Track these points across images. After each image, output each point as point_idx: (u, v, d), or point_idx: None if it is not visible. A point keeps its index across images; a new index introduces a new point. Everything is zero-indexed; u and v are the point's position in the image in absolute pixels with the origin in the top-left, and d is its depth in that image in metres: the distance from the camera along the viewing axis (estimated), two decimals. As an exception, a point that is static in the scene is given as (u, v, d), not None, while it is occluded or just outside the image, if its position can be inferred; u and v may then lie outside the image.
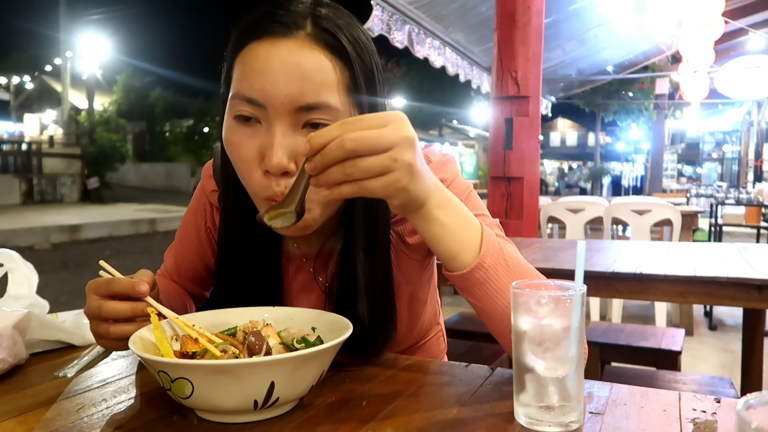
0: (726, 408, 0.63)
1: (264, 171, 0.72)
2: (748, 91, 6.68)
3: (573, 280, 0.61)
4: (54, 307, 1.01)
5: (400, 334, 0.90)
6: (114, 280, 0.71)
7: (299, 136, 0.71)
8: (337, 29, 0.72)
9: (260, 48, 0.71)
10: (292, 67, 0.69)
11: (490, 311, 0.73)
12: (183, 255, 1.03)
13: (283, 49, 0.70)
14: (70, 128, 20.67)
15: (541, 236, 4.34)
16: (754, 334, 2.09)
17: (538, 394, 0.59)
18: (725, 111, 17.77)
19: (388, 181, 0.59)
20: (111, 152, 18.85)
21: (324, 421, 0.62)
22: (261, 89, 0.70)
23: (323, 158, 0.58)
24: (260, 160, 0.72)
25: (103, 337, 0.72)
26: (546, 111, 7.09)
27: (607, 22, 5.24)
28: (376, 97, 0.78)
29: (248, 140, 0.72)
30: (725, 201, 7.15)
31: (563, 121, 40.56)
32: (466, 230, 0.70)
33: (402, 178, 0.60)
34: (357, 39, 0.74)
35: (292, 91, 0.69)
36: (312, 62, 0.70)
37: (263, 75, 0.70)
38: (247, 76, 0.71)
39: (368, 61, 0.76)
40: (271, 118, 0.71)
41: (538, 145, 3.12)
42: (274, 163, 0.70)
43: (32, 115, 30.05)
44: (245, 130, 0.73)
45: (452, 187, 0.85)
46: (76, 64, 22.74)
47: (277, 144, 0.70)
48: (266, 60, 0.70)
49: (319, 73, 0.70)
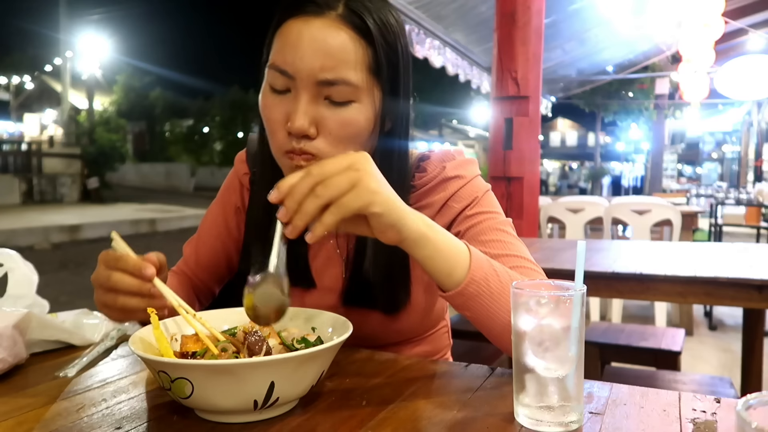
0: (726, 408, 0.63)
1: (288, 132, 0.80)
2: (748, 91, 6.67)
3: (573, 280, 0.61)
4: (54, 307, 1.01)
5: (415, 319, 0.94)
6: (124, 258, 0.73)
7: (321, 107, 0.79)
8: (365, 12, 0.79)
9: (295, 25, 0.78)
10: (318, 44, 0.77)
11: (488, 323, 0.76)
12: (204, 241, 1.06)
13: (314, 27, 0.77)
14: (70, 128, 20.65)
15: (541, 236, 4.34)
16: (754, 334, 2.09)
17: (538, 394, 0.59)
18: (725, 111, 17.76)
19: (360, 190, 0.64)
20: (111, 152, 18.85)
21: (324, 421, 0.62)
22: (291, 62, 0.77)
23: (293, 197, 0.64)
24: (285, 122, 0.80)
25: (109, 306, 0.74)
26: (546, 111, 7.09)
27: (607, 22, 5.24)
28: (399, 78, 0.83)
29: (278, 105, 0.81)
30: (725, 201, 7.16)
31: (563, 121, 40.56)
32: (454, 248, 0.73)
33: (370, 182, 0.65)
34: (384, 21, 0.80)
35: (316, 65, 0.76)
36: (337, 41, 0.77)
37: (294, 49, 0.77)
38: (282, 50, 0.79)
39: (393, 43, 0.81)
40: (298, 87, 0.78)
41: (538, 145, 3.12)
42: (297, 126, 0.77)
43: (32, 115, 30.03)
44: (277, 97, 0.81)
45: (470, 185, 0.92)
46: (76, 64, 22.72)
47: (301, 110, 0.78)
48: (298, 36, 0.78)
49: (342, 52, 0.77)
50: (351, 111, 0.79)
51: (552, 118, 17.18)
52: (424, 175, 0.93)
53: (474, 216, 0.90)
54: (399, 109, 0.85)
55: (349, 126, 0.79)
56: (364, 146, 0.83)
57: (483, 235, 0.88)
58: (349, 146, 0.80)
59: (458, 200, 0.91)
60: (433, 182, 0.92)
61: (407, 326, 0.95)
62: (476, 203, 0.92)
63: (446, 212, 0.92)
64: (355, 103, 0.79)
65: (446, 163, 0.93)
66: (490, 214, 0.91)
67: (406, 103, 0.86)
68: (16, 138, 25.89)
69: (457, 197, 0.91)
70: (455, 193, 0.92)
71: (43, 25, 37.92)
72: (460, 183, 0.92)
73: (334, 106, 0.79)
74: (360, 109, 0.80)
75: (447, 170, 0.92)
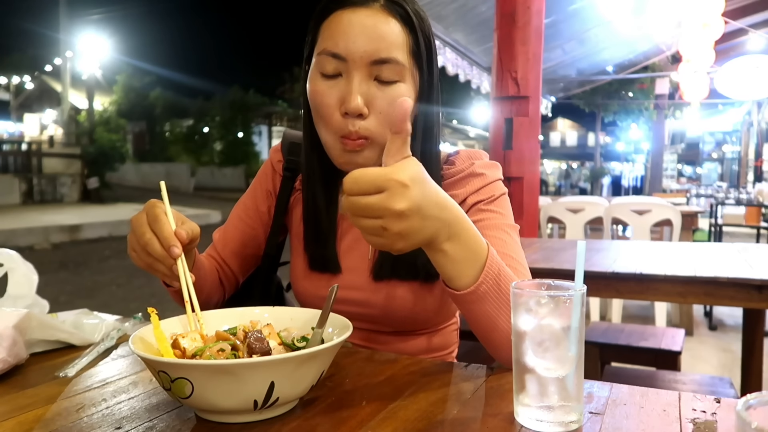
0: (726, 408, 0.63)
1: (343, 113, 0.86)
2: (748, 91, 6.67)
3: (573, 280, 0.61)
4: (54, 307, 1.01)
5: (431, 310, 0.97)
6: (161, 223, 0.76)
7: (372, 86, 0.86)
8: (405, 2, 0.87)
9: (343, 15, 0.86)
10: (370, 29, 0.84)
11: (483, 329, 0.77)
12: (235, 226, 1.10)
13: (362, 15, 0.85)
14: (70, 128, 20.65)
15: (541, 236, 4.34)
16: (754, 334, 2.09)
17: (538, 394, 0.59)
18: (725, 111, 17.77)
19: (408, 240, 0.65)
20: (111, 152, 18.82)
21: (324, 421, 0.61)
22: (344, 46, 0.84)
23: (358, 219, 0.65)
24: (339, 105, 0.86)
25: (136, 256, 0.79)
26: (546, 111, 7.09)
27: (607, 22, 5.24)
28: (433, 63, 0.91)
29: (330, 90, 0.87)
30: (725, 201, 7.16)
31: (563, 121, 40.55)
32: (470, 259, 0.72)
33: (420, 233, 0.66)
34: (418, 12, 0.89)
35: (370, 47, 0.84)
36: (386, 26, 0.85)
37: (346, 35, 0.84)
38: (333, 36, 0.86)
39: (426, 31, 0.90)
40: (350, 69, 0.85)
41: (538, 145, 3.12)
42: (353, 105, 0.84)
43: (32, 115, 30.01)
44: (328, 83, 0.87)
45: (490, 187, 0.97)
46: (76, 64, 22.68)
47: (355, 90, 0.84)
48: (348, 23, 0.85)
49: (391, 35, 0.85)
50: (399, 89, 0.86)
51: (552, 118, 17.18)
52: (451, 168, 0.98)
53: (485, 211, 0.94)
54: (433, 95, 0.92)
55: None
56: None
57: (488, 230, 0.91)
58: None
59: (477, 195, 0.96)
60: (460, 175, 0.97)
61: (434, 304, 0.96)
62: (491, 201, 0.96)
63: (464, 205, 0.96)
64: (401, 82, 0.86)
65: (475, 160, 0.99)
66: (501, 215, 0.95)
67: (438, 93, 0.94)
68: (16, 138, 25.88)
69: (478, 193, 0.96)
70: (477, 190, 0.96)
71: (43, 25, 37.91)
72: (484, 181, 0.97)
73: (384, 85, 0.86)
74: (405, 88, 0.87)
75: (475, 166, 0.97)
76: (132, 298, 5.41)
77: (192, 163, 29.34)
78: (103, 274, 6.72)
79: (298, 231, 1.04)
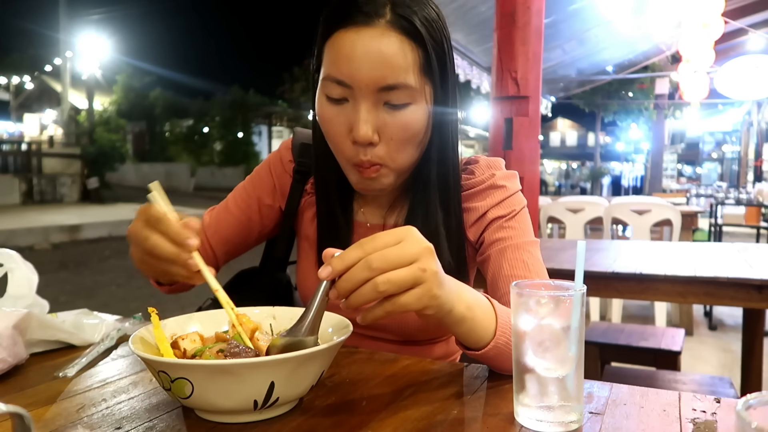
0: (726, 408, 0.63)
1: (353, 141, 0.83)
2: (748, 91, 6.67)
3: (573, 280, 0.61)
4: (54, 307, 1.01)
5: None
6: (165, 220, 0.69)
7: (381, 113, 0.82)
8: (413, 15, 0.81)
9: (346, 36, 0.80)
10: (374, 54, 0.79)
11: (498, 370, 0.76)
12: (230, 210, 1.06)
13: (366, 36, 0.79)
14: (70, 128, 20.62)
15: (541, 236, 4.34)
16: (754, 334, 2.10)
17: (538, 394, 0.59)
18: (725, 111, 17.77)
19: (422, 292, 0.61)
20: (111, 152, 18.81)
21: (324, 421, 0.61)
22: (348, 73, 0.80)
23: (348, 283, 0.60)
24: (348, 132, 0.83)
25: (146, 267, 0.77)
26: (546, 111, 7.08)
27: (607, 22, 5.24)
28: (447, 72, 0.86)
29: (337, 117, 0.83)
30: (725, 201, 7.16)
31: (563, 121, 40.56)
32: (486, 321, 0.72)
33: (433, 286, 0.62)
34: (429, 19, 0.82)
35: (375, 74, 0.79)
36: (391, 48, 0.79)
37: (349, 61, 0.79)
38: (336, 62, 0.81)
39: (439, 38, 0.84)
40: (357, 96, 0.81)
41: (538, 145, 3.12)
42: (362, 135, 0.81)
43: (32, 115, 29.99)
44: (335, 108, 0.84)
45: (510, 201, 0.94)
46: (76, 64, 22.66)
47: (363, 119, 0.81)
48: (351, 48, 0.79)
49: (397, 57, 0.79)
50: (409, 113, 0.82)
51: (552, 118, 17.16)
52: (471, 178, 0.96)
53: (507, 228, 0.93)
54: (448, 103, 0.88)
55: (408, 128, 0.83)
56: (421, 144, 0.87)
57: (510, 252, 0.91)
58: (409, 148, 0.85)
59: (499, 209, 0.94)
60: (480, 186, 0.95)
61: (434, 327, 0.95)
62: (512, 217, 0.94)
63: (485, 219, 0.95)
64: (411, 104, 0.82)
65: (495, 171, 0.96)
66: (522, 232, 0.93)
67: (454, 97, 0.88)
68: (16, 138, 25.85)
69: (499, 207, 0.94)
70: (499, 203, 0.94)
71: (43, 25, 37.87)
72: (505, 194, 0.95)
73: (393, 110, 0.82)
74: (416, 109, 0.83)
75: (496, 178, 0.95)
76: (132, 298, 5.41)
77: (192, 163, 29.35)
78: (103, 274, 6.72)
79: (307, 234, 1.03)
